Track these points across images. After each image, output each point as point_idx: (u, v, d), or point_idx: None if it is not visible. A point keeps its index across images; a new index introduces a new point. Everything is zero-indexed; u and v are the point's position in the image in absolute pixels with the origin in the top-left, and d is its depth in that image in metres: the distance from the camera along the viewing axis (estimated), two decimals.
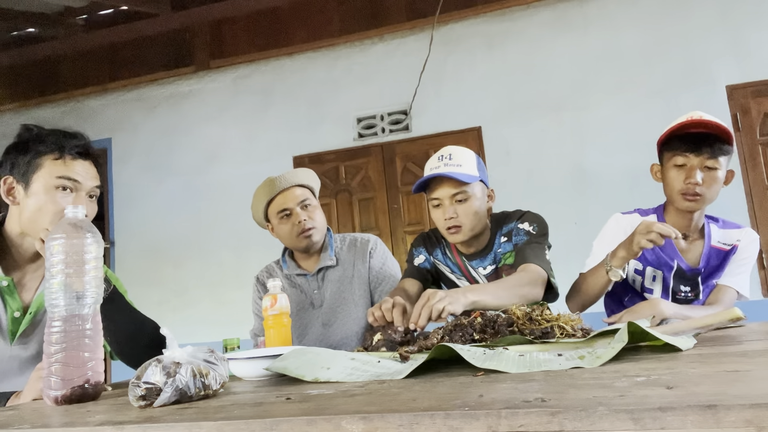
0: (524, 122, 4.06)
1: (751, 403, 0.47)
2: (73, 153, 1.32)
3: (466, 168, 1.64)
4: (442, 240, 1.82)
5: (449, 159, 1.64)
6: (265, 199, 1.90)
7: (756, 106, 3.71)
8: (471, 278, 1.76)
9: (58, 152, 1.30)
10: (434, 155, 1.70)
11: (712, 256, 1.69)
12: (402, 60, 4.31)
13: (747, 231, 1.71)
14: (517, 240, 1.67)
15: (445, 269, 1.82)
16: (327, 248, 1.96)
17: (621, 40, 3.97)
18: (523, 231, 1.67)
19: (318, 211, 1.93)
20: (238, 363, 1.01)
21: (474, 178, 1.65)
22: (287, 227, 1.88)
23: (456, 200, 1.63)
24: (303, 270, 1.97)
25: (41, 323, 1.33)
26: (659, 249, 1.70)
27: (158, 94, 4.88)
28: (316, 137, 4.45)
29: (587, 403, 0.53)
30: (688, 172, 1.59)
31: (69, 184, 1.30)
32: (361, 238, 2.02)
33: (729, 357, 0.78)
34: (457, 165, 1.63)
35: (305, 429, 0.58)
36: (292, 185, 1.89)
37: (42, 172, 1.29)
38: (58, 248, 0.91)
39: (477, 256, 1.75)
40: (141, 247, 4.72)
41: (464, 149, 1.70)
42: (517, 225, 1.69)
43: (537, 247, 1.62)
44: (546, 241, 1.67)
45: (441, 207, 1.65)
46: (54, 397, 0.88)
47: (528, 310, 1.12)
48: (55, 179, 1.29)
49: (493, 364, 0.81)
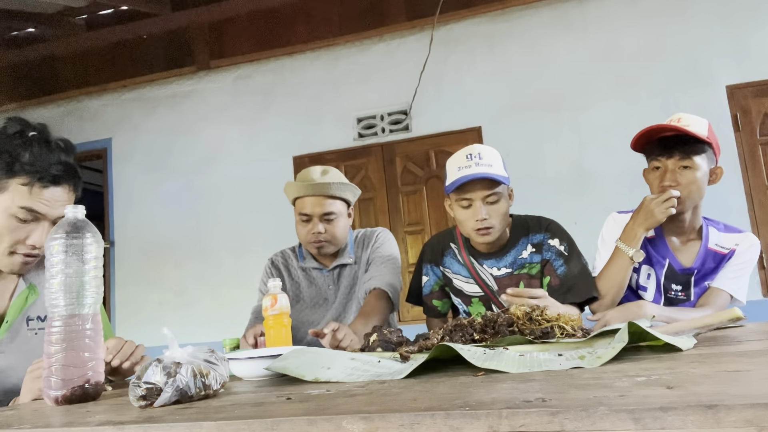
0: (524, 122, 4.06)
1: (752, 403, 0.47)
2: (44, 181, 1.17)
3: (496, 168, 1.63)
4: (451, 243, 1.81)
5: (479, 158, 1.62)
6: (293, 194, 1.88)
7: (756, 106, 3.71)
8: (480, 279, 1.75)
9: (27, 178, 1.16)
10: (460, 153, 1.67)
11: (708, 258, 1.68)
12: (402, 60, 4.31)
13: (747, 236, 1.70)
14: (548, 257, 1.70)
15: (453, 276, 1.80)
16: (346, 248, 1.95)
17: (621, 40, 3.97)
18: (555, 250, 1.69)
19: (341, 223, 1.87)
20: (238, 363, 1.01)
21: (506, 179, 1.65)
22: (303, 230, 1.87)
23: (488, 201, 1.62)
24: (319, 265, 1.96)
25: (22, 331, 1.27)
26: (652, 246, 1.71)
27: (158, 94, 4.88)
28: (316, 137, 4.45)
29: (588, 403, 0.53)
30: (662, 175, 1.63)
31: (30, 217, 1.18)
32: (369, 231, 2.02)
33: (729, 357, 0.78)
34: (488, 165, 1.61)
35: (306, 429, 0.58)
36: (323, 195, 1.83)
37: (4, 196, 1.16)
38: (58, 248, 0.91)
39: (493, 256, 1.74)
40: (141, 247, 4.72)
41: (491, 148, 1.68)
42: (548, 241, 1.70)
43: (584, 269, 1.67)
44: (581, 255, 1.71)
45: (472, 207, 1.63)
46: (54, 397, 0.88)
47: (528, 310, 1.12)
48: (17, 208, 1.16)
49: (494, 364, 0.81)
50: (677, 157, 1.61)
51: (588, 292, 1.64)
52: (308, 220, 1.85)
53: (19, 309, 1.27)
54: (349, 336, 1.49)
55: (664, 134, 1.64)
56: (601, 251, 1.78)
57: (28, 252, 1.22)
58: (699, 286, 1.69)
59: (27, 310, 1.29)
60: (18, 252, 1.21)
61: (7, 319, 1.25)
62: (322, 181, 1.84)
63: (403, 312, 4.06)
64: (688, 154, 1.60)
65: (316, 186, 1.83)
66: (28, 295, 1.29)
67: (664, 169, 1.63)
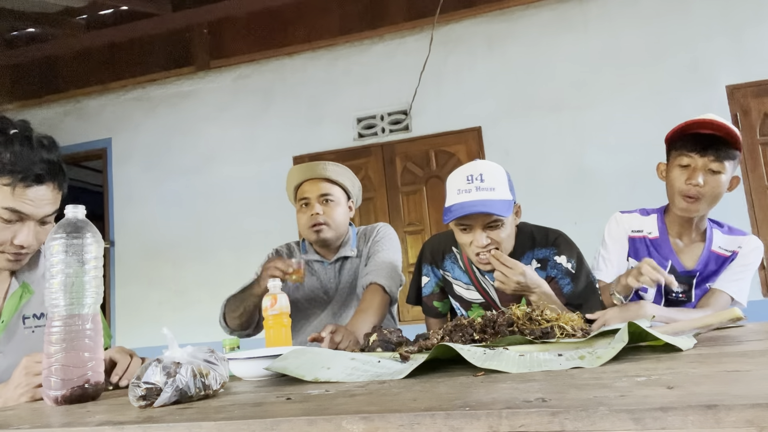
0: (524, 122, 4.06)
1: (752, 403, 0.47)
2: (27, 181, 1.14)
3: (500, 192, 1.49)
4: (453, 246, 1.75)
5: (480, 181, 1.48)
6: (293, 182, 1.93)
7: (756, 106, 3.71)
8: (481, 288, 1.71)
9: (9, 178, 1.12)
10: (461, 172, 1.54)
11: (711, 260, 1.67)
12: (402, 60, 4.31)
13: (750, 238, 1.68)
14: (554, 274, 1.62)
15: (453, 281, 1.76)
16: (348, 241, 1.96)
17: (621, 40, 3.97)
18: (562, 268, 1.60)
19: (339, 209, 1.89)
20: (238, 363, 1.01)
21: (509, 204, 1.51)
22: (304, 217, 1.89)
23: (489, 226, 1.52)
24: (321, 257, 1.96)
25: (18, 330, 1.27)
26: (654, 247, 1.70)
27: (158, 94, 4.88)
28: (316, 137, 4.45)
29: (588, 403, 0.53)
30: (691, 172, 1.58)
31: (14, 217, 1.15)
32: (371, 226, 2.03)
33: (729, 357, 0.78)
34: (490, 189, 1.48)
35: (305, 429, 0.58)
36: (320, 177, 1.89)
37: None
38: (58, 248, 0.91)
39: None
40: (141, 247, 4.72)
41: (494, 166, 1.56)
42: (554, 257, 1.62)
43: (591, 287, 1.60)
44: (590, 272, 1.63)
45: (471, 233, 1.53)
46: (54, 397, 0.88)
47: (528, 310, 1.12)
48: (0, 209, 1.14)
49: (494, 364, 0.81)
50: (711, 158, 1.55)
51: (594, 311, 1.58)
52: (307, 204, 1.88)
53: (14, 308, 1.27)
54: (348, 337, 1.48)
55: (700, 130, 1.57)
56: (602, 253, 1.76)
57: (16, 251, 1.21)
58: (700, 288, 1.68)
59: (22, 308, 1.29)
60: (6, 252, 1.21)
61: (3, 319, 1.24)
62: (314, 165, 1.91)
63: (403, 312, 4.06)
64: (721, 157, 1.55)
65: (314, 167, 1.90)
66: (21, 294, 1.29)
67: (694, 166, 1.57)
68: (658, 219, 1.74)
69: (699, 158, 1.56)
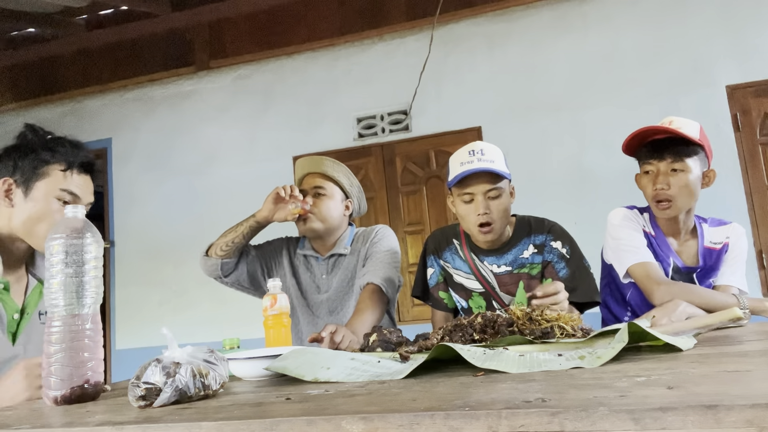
0: (524, 122, 4.06)
1: (752, 403, 0.47)
2: (79, 168, 1.34)
3: (498, 164, 1.65)
4: (453, 239, 1.83)
5: (482, 154, 1.64)
6: (297, 175, 2.04)
7: (756, 106, 3.70)
8: (481, 276, 1.76)
9: (66, 164, 1.32)
10: (463, 149, 1.70)
11: (707, 255, 1.72)
12: (402, 60, 4.31)
13: (734, 227, 1.74)
14: (550, 258, 1.71)
15: (453, 272, 1.81)
16: (344, 239, 1.99)
17: (621, 40, 3.96)
18: (557, 252, 1.70)
19: (330, 203, 1.95)
20: (238, 363, 1.01)
21: (508, 174, 1.68)
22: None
23: (489, 196, 1.64)
24: (315, 252, 2.00)
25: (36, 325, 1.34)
26: (657, 245, 1.72)
27: (158, 94, 4.88)
28: (316, 137, 4.45)
29: (588, 403, 0.53)
30: (654, 178, 1.64)
31: (69, 198, 1.31)
32: (370, 228, 2.06)
33: (729, 357, 0.78)
34: (490, 161, 1.63)
35: (305, 429, 0.58)
36: (317, 172, 1.97)
37: (47, 180, 1.30)
38: (58, 248, 0.91)
39: (494, 253, 1.75)
40: (141, 248, 4.71)
41: (493, 145, 1.71)
42: (550, 242, 1.72)
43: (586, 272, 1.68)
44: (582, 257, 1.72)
45: (473, 202, 1.65)
46: (54, 397, 0.88)
47: (528, 310, 1.12)
48: (58, 191, 1.30)
49: (493, 364, 0.81)
50: (669, 160, 1.61)
51: (590, 295, 1.65)
52: (304, 196, 1.93)
53: (35, 303, 1.35)
54: (348, 337, 1.49)
55: (655, 137, 1.65)
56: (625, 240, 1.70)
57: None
58: (703, 284, 1.71)
59: (40, 305, 1.37)
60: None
61: (28, 312, 1.33)
62: (314, 159, 2.01)
63: (403, 312, 4.05)
64: (680, 156, 1.60)
65: (313, 162, 2.00)
66: (41, 290, 1.37)
67: (656, 172, 1.64)
68: (650, 218, 1.78)
69: (659, 163, 1.64)
